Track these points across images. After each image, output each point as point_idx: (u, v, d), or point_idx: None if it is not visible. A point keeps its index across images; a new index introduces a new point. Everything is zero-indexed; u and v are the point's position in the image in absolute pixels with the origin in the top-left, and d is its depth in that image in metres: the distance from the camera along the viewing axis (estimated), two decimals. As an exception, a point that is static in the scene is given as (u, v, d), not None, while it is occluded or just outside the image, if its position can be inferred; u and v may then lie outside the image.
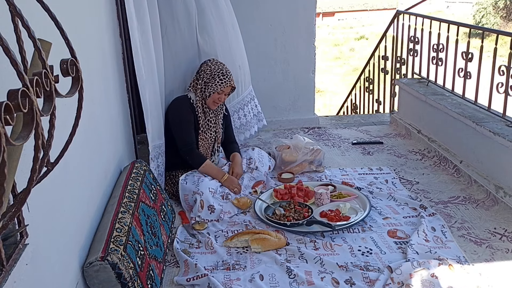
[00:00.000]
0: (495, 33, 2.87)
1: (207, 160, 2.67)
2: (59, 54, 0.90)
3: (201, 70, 2.73)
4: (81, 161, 1.57)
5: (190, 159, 2.66)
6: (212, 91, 2.67)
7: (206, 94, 2.69)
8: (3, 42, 0.67)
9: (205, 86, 2.68)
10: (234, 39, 3.10)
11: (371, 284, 1.88)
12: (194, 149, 2.68)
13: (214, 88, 2.66)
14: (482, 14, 16.38)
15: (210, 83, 2.66)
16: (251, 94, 3.40)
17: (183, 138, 2.67)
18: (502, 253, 2.11)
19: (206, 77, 2.68)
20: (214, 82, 2.66)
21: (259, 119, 3.53)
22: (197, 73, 2.76)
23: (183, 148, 2.66)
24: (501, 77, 2.67)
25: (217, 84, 2.66)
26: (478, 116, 2.87)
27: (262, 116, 3.55)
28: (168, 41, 2.90)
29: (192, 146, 2.68)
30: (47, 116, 0.77)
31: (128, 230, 1.68)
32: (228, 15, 3.05)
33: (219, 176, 2.65)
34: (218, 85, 2.66)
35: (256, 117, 3.48)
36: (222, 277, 1.96)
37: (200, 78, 2.71)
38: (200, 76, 2.72)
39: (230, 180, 2.66)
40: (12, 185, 0.94)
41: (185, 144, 2.66)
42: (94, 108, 1.82)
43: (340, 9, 24.62)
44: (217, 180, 2.64)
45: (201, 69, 2.73)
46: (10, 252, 0.98)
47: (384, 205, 2.58)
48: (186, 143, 2.66)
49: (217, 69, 2.69)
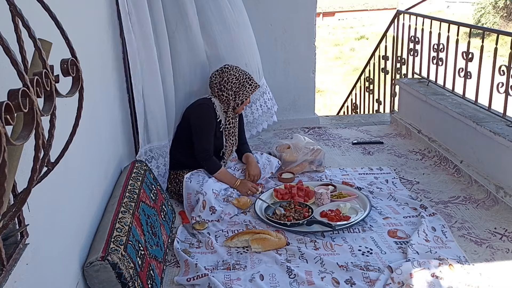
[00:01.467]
0: (495, 33, 2.87)
1: (222, 167, 2.70)
2: (60, 54, 0.90)
3: (224, 80, 2.67)
4: (81, 161, 1.58)
5: (206, 165, 2.67)
6: (245, 98, 2.71)
7: (238, 102, 2.71)
8: (3, 42, 0.67)
9: (235, 96, 2.70)
10: (238, 37, 3.04)
11: (372, 284, 1.88)
12: (211, 156, 2.69)
13: (246, 94, 2.71)
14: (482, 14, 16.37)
15: (241, 91, 2.69)
16: (260, 90, 3.36)
17: (203, 145, 2.66)
18: (502, 253, 2.11)
19: (235, 86, 2.68)
20: (244, 89, 2.69)
21: (269, 116, 3.46)
22: (219, 84, 2.68)
23: (200, 154, 2.66)
24: (502, 77, 2.66)
25: (247, 90, 2.70)
26: (478, 116, 2.87)
27: (272, 112, 3.49)
28: (180, 39, 2.86)
29: (210, 153, 2.69)
30: (47, 116, 0.78)
31: (128, 230, 1.68)
32: (231, 13, 3.01)
33: (232, 183, 2.69)
34: (249, 91, 2.71)
35: (265, 114, 3.42)
36: (223, 277, 1.96)
37: (227, 88, 2.67)
38: (225, 87, 2.67)
39: (243, 185, 2.69)
40: (13, 185, 0.94)
41: (203, 151, 2.66)
42: (95, 108, 1.82)
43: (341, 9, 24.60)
44: (231, 185, 2.68)
45: (224, 80, 2.67)
46: (10, 252, 0.98)
47: (385, 205, 2.58)
48: (204, 150, 2.66)
49: (242, 76, 2.71)
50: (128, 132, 2.56)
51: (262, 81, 3.34)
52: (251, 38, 3.18)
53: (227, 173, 2.72)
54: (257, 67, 3.22)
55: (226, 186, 2.66)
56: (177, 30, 2.82)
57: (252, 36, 3.19)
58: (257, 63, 3.23)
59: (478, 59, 2.92)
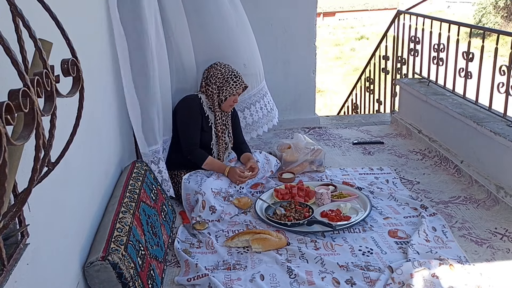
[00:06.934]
0: (496, 33, 2.87)
1: (209, 156, 2.69)
2: (60, 54, 0.90)
3: (210, 75, 2.71)
4: (82, 161, 1.58)
5: (192, 157, 2.67)
6: (228, 95, 2.69)
7: (222, 98, 2.70)
8: (4, 42, 0.67)
9: (219, 91, 2.69)
10: (238, 37, 3.03)
11: (372, 284, 1.88)
12: (198, 148, 2.69)
13: (229, 91, 2.68)
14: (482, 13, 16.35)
15: (225, 87, 2.68)
16: (261, 93, 3.34)
17: (189, 138, 2.68)
18: (503, 253, 2.11)
19: (219, 81, 2.68)
20: (228, 85, 2.68)
21: (270, 119, 3.41)
22: (206, 78, 2.74)
23: (187, 147, 2.67)
24: (502, 77, 2.66)
25: (232, 87, 2.68)
26: (479, 116, 2.87)
27: (273, 115, 3.44)
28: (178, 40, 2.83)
29: (196, 146, 2.69)
30: (48, 116, 0.78)
31: (129, 230, 1.68)
32: (232, 13, 3.00)
33: (222, 169, 2.67)
34: (233, 88, 2.68)
35: (265, 116, 3.38)
36: (223, 277, 1.96)
37: (212, 83, 2.70)
38: (211, 81, 2.70)
39: (232, 171, 2.66)
40: (13, 185, 0.94)
41: (190, 144, 2.67)
42: (95, 108, 1.82)
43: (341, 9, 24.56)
44: (222, 173, 2.66)
45: (210, 74, 2.72)
46: (11, 252, 0.98)
47: (385, 205, 2.58)
48: (191, 143, 2.67)
49: (228, 72, 2.70)
50: (129, 132, 2.55)
51: (263, 84, 3.33)
52: (250, 40, 3.16)
53: (215, 160, 2.71)
54: (257, 70, 3.21)
55: (225, 185, 2.65)
56: (176, 30, 2.80)
57: (252, 39, 3.16)
58: (258, 66, 3.21)
59: (478, 59, 2.92)
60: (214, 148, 2.79)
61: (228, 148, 2.88)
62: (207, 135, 2.76)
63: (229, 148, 2.90)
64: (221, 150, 2.81)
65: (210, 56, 2.92)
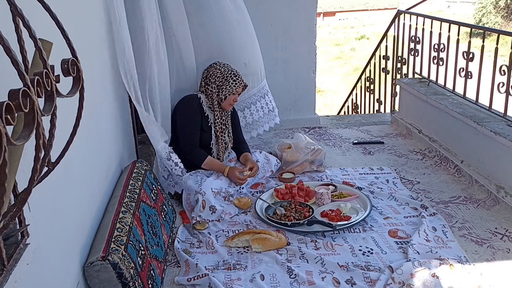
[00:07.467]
0: (496, 33, 2.87)
1: (208, 156, 2.69)
2: (60, 54, 0.90)
3: (210, 74, 2.72)
4: (82, 161, 1.57)
5: (191, 156, 2.67)
6: (228, 93, 2.69)
7: (221, 97, 2.70)
8: (4, 42, 0.67)
9: (218, 90, 2.70)
10: (240, 35, 3.03)
11: (372, 284, 1.88)
12: (197, 148, 2.69)
13: (229, 90, 2.69)
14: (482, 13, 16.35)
15: (224, 86, 2.68)
16: (261, 92, 3.33)
17: (188, 137, 2.68)
18: (503, 253, 2.11)
19: (219, 80, 2.69)
20: (228, 84, 2.68)
21: (270, 119, 3.40)
22: (205, 77, 2.75)
23: (186, 146, 2.67)
24: (502, 77, 2.66)
25: (231, 85, 2.69)
26: (479, 116, 2.87)
27: (274, 115, 3.43)
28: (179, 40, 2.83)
29: (196, 146, 2.69)
30: (48, 116, 0.77)
31: (129, 230, 1.68)
32: (233, 11, 3.00)
33: (221, 170, 2.67)
34: (233, 87, 2.69)
35: (266, 116, 3.37)
36: (223, 277, 1.96)
37: (211, 82, 2.71)
38: (210, 81, 2.71)
39: (231, 171, 2.66)
40: (13, 185, 0.94)
41: (189, 143, 2.67)
42: (95, 107, 1.82)
43: (341, 8, 24.56)
44: (221, 173, 2.66)
45: (210, 73, 2.73)
46: (11, 252, 0.98)
47: (385, 205, 2.58)
48: (190, 143, 2.67)
49: (227, 71, 2.71)
50: (129, 132, 2.55)
51: (263, 83, 3.32)
52: (252, 39, 3.14)
53: (214, 160, 2.72)
54: (258, 69, 3.19)
55: (225, 185, 2.65)
56: (177, 30, 2.80)
57: (253, 37, 3.15)
58: (259, 65, 3.20)
59: (478, 59, 2.92)
60: (213, 148, 2.79)
61: (227, 148, 2.88)
62: (206, 135, 2.76)
63: (229, 148, 2.90)
64: (221, 150, 2.81)
65: (211, 56, 2.92)
